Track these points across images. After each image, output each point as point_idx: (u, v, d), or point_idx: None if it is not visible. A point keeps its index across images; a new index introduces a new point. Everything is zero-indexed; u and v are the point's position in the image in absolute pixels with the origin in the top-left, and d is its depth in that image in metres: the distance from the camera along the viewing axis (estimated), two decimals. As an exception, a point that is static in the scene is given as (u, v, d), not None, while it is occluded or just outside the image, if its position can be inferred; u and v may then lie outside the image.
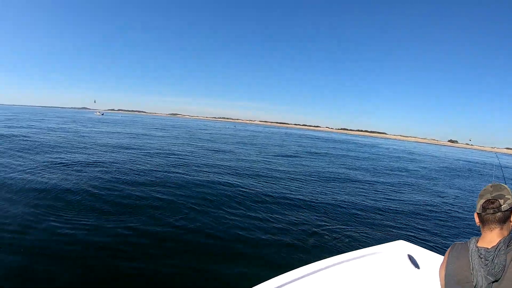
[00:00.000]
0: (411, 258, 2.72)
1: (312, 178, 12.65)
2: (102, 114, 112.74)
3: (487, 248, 1.37)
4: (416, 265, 2.65)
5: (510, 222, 1.42)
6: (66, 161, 11.35)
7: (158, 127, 48.79)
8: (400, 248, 2.86)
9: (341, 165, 18.83)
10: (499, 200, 1.43)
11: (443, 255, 1.67)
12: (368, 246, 2.89)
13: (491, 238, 1.40)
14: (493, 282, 1.28)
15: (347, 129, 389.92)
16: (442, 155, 46.77)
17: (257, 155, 19.49)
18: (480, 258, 1.36)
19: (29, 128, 25.94)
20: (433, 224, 7.83)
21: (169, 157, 14.77)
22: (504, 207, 1.41)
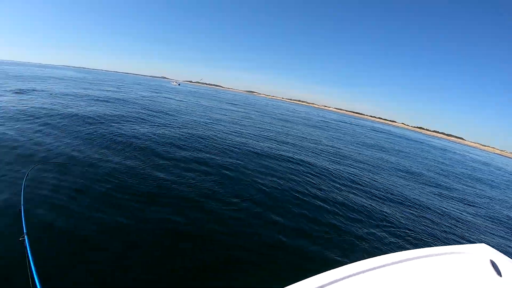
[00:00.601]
0: (493, 264, 2.56)
1: (396, 174, 12.92)
2: (179, 84, 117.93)
3: None
4: (498, 272, 2.48)
5: None
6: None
7: (237, 104, 45.78)
8: (483, 251, 2.72)
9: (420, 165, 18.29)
10: None
11: None
12: (448, 245, 2.76)
13: None
14: None
15: (424, 128, 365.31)
16: None
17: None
18: None
19: (147, 96, 29.63)
20: None
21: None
22: None
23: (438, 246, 2.93)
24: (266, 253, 4.33)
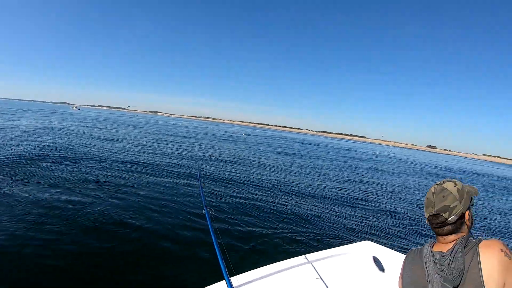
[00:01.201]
0: (376, 260, 2.60)
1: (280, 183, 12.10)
2: (79, 109, 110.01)
3: (442, 252, 1.21)
4: (381, 267, 2.53)
5: (465, 222, 1.26)
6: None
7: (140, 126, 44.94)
8: (366, 248, 2.81)
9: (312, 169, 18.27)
10: (443, 214, 1.23)
11: None
12: (336, 247, 2.88)
13: (446, 240, 1.25)
14: None
15: (327, 132, 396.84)
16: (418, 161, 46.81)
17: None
18: (435, 263, 1.20)
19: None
20: (402, 226, 8.09)
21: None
22: (452, 219, 1.22)
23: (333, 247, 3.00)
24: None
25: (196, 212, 6.69)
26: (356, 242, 2.99)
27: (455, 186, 1.27)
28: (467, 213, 1.25)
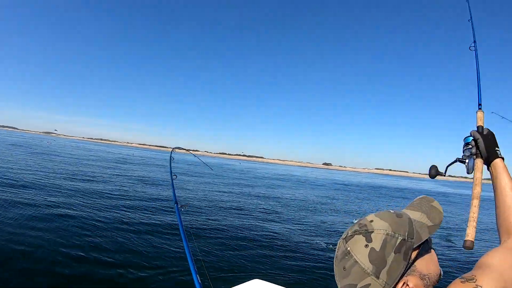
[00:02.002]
0: None
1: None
2: None
3: None
4: None
5: None
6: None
7: None
8: None
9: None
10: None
11: None
12: None
13: None
14: None
15: (226, 153, 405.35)
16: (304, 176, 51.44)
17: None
18: None
19: None
20: (295, 256, 7.07)
21: None
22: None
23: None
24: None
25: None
26: (244, 282, 2.57)
27: (367, 242, 0.65)
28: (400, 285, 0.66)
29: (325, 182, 39.44)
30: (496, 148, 1.04)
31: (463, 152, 1.10)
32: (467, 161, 1.08)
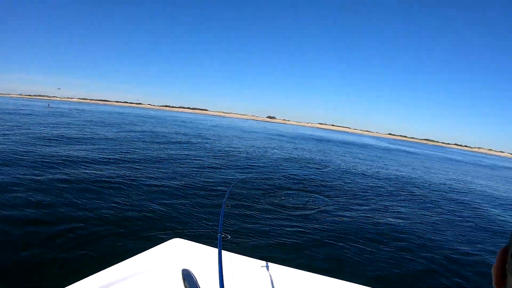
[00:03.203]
0: (186, 275, 1.71)
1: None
2: None
3: None
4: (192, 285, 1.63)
5: None
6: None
7: None
8: (175, 249, 2.26)
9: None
10: None
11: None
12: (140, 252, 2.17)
13: None
14: None
15: (170, 106, 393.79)
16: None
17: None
18: None
19: None
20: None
21: None
22: None
23: None
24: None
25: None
26: (163, 242, 2.36)
27: None
28: None
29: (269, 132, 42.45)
30: None
31: None
32: None
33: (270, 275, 1.97)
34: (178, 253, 2.20)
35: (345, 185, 10.50)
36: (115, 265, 1.89)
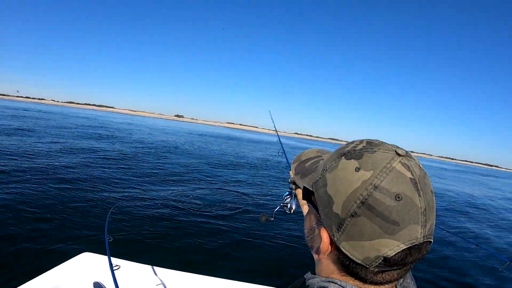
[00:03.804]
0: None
1: None
2: None
3: None
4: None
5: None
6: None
7: None
8: (84, 264, 2.12)
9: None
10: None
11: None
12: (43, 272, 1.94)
13: None
14: None
15: (75, 102, 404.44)
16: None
17: None
18: None
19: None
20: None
21: None
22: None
23: None
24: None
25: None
26: (71, 257, 2.18)
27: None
28: None
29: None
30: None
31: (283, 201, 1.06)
32: (288, 200, 1.05)
33: (161, 280, 2.05)
34: (87, 267, 2.11)
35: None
36: (24, 284, 1.76)
